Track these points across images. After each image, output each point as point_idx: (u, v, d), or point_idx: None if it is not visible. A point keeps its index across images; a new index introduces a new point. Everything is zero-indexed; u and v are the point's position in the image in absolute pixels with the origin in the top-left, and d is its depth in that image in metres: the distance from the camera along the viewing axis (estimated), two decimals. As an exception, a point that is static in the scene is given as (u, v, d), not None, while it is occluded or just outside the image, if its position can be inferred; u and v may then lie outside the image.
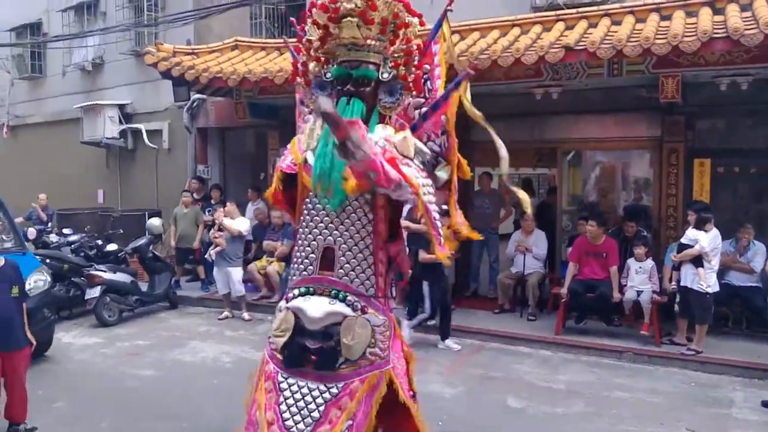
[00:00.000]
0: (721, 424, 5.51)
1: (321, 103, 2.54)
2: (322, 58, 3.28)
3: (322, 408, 3.00)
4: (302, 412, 3.01)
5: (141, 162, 13.40)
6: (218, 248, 9.03)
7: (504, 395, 6.11)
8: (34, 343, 5.29)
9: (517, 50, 7.28)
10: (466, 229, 3.44)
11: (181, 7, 11.83)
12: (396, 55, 3.24)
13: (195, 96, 11.50)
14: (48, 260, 8.58)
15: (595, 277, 7.80)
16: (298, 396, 3.04)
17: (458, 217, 3.44)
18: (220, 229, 9.04)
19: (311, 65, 3.31)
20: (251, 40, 10.61)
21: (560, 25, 7.85)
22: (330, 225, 3.12)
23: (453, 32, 8.32)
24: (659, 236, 8.50)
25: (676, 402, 6.01)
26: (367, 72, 3.16)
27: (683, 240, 7.19)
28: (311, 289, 3.13)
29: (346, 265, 3.10)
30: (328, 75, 3.25)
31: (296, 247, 3.27)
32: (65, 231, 10.69)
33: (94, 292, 8.69)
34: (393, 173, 2.76)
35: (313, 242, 3.15)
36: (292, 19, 4.32)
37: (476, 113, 3.42)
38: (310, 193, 3.18)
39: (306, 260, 3.18)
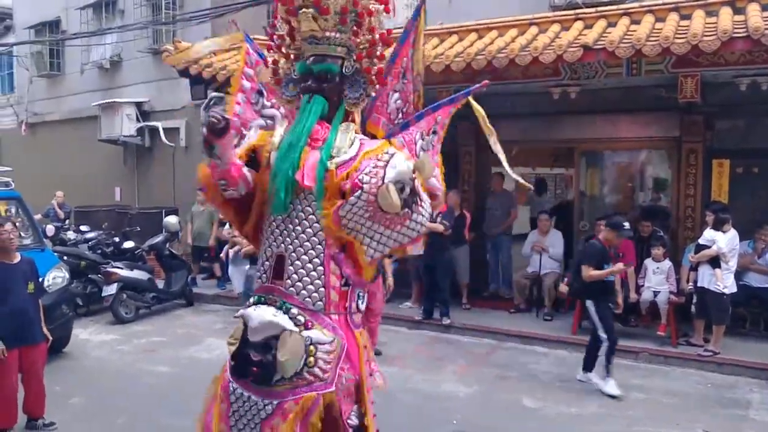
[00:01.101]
0: (737, 426, 5.46)
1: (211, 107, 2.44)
2: (292, 55, 3.12)
3: (258, 426, 2.84)
4: (246, 427, 2.87)
5: (158, 160, 13.50)
6: (236, 247, 9.06)
7: (519, 395, 6.09)
8: (50, 338, 5.34)
9: (535, 49, 7.25)
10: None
11: (198, 6, 11.92)
12: (362, 47, 3.03)
13: (212, 94, 11.53)
14: (65, 257, 8.66)
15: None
16: (242, 410, 2.89)
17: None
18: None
19: (281, 62, 3.15)
20: (258, 39, 10.64)
21: (579, 24, 7.81)
22: (284, 231, 2.90)
23: (470, 31, 8.43)
24: (677, 237, 8.44)
25: (692, 403, 5.97)
26: (329, 66, 2.95)
27: (701, 241, 7.14)
28: (263, 298, 2.92)
29: (294, 276, 2.86)
30: (295, 72, 3.07)
31: (259, 253, 3.09)
32: (82, 228, 10.80)
33: (110, 289, 8.76)
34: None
35: (268, 249, 2.96)
36: (231, 19, 4.25)
37: (480, 111, 3.31)
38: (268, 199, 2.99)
39: (262, 267, 3.00)
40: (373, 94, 3.18)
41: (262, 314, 2.82)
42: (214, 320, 9.10)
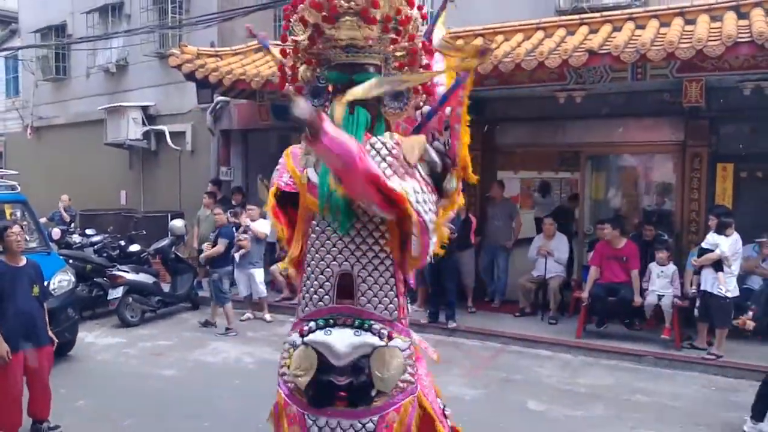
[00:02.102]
0: (741, 429, 5.45)
1: (297, 108, 2.19)
2: (313, 61, 2.95)
3: None
4: None
5: (164, 164, 13.54)
6: (242, 251, 9.10)
7: (524, 398, 6.11)
8: (56, 341, 5.37)
9: (540, 54, 7.28)
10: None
11: (205, 10, 11.93)
12: (398, 54, 2.93)
13: (218, 98, 11.60)
14: (71, 260, 8.68)
15: (616, 281, 7.79)
16: None
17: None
18: (244, 232, 9.11)
19: (301, 69, 2.99)
20: (275, 43, 10.66)
21: (584, 29, 7.83)
22: (345, 249, 2.79)
23: (477, 35, 8.45)
24: (681, 241, 8.45)
25: (696, 406, 5.99)
26: (370, 76, 2.80)
27: (704, 244, 7.16)
28: (330, 320, 2.81)
29: (369, 291, 2.80)
30: (323, 80, 2.93)
31: (304, 275, 2.92)
32: (88, 232, 10.84)
33: (116, 293, 8.79)
34: (369, 171, 2.45)
35: (327, 269, 2.82)
36: (246, 25, 4.17)
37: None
38: (317, 216, 2.86)
39: (321, 289, 2.84)
40: (422, 103, 3.09)
41: (345, 337, 2.75)
42: (220, 324, 9.10)
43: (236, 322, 8.83)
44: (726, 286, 6.88)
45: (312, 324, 2.85)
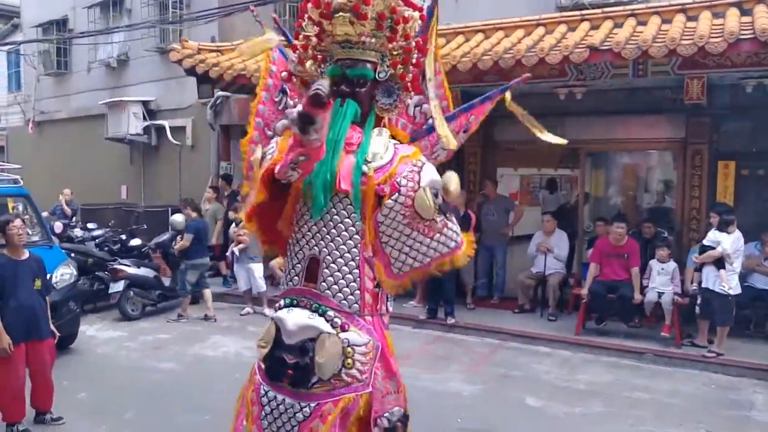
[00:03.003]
0: (740, 427, 5.48)
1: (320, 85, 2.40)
2: (319, 56, 3.06)
3: (296, 428, 2.83)
4: (280, 430, 2.87)
5: (164, 158, 13.56)
6: (241, 245, 9.12)
7: (523, 394, 6.12)
8: (58, 334, 5.40)
9: (541, 50, 7.27)
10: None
11: (205, 5, 11.95)
12: (395, 53, 3.00)
13: (219, 93, 11.59)
14: (73, 254, 8.69)
15: (616, 278, 7.79)
16: (276, 412, 2.88)
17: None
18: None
19: (308, 64, 3.09)
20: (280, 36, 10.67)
21: (585, 25, 7.82)
22: (317, 234, 2.89)
23: (477, 31, 8.45)
24: (682, 238, 8.45)
25: (696, 404, 5.99)
26: (364, 71, 2.93)
27: (705, 242, 7.15)
28: (294, 300, 2.92)
29: (329, 278, 2.87)
30: (325, 75, 3.00)
31: (288, 256, 3.04)
32: (90, 226, 10.85)
33: (117, 287, 8.82)
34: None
35: (300, 252, 2.94)
36: (273, 15, 4.21)
37: (518, 109, 3.34)
38: (300, 200, 2.96)
39: (293, 270, 2.98)
40: (408, 101, 3.18)
41: (298, 317, 2.83)
42: (220, 318, 9.13)
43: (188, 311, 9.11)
44: (728, 283, 6.88)
45: (282, 302, 2.99)
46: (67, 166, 15.22)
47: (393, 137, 3.10)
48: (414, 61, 3.06)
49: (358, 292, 2.90)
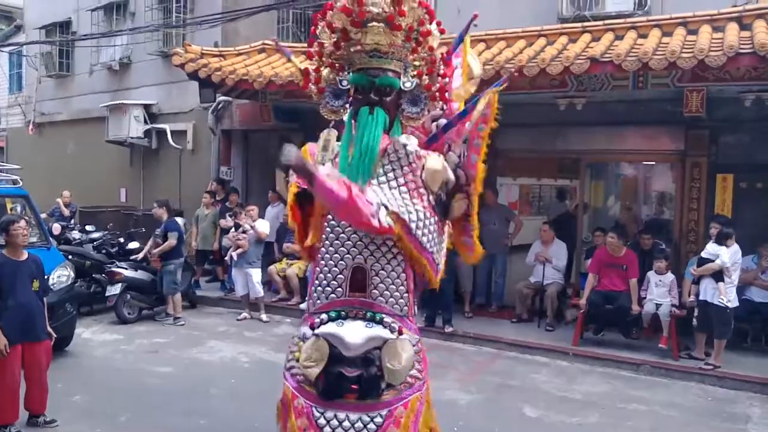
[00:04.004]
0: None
1: (285, 155, 2.34)
2: (337, 65, 3.09)
3: None
4: None
5: (164, 162, 13.56)
6: (239, 250, 9.12)
7: (520, 404, 6.11)
8: (54, 336, 5.40)
9: (542, 60, 7.30)
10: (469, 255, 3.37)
11: (209, 10, 11.97)
12: (417, 63, 3.06)
13: (220, 98, 11.62)
14: (70, 256, 8.70)
15: (614, 289, 7.79)
16: (339, 431, 2.81)
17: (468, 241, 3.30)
18: (243, 231, 9.12)
19: (324, 71, 3.12)
20: (293, 46, 10.71)
21: (586, 37, 7.86)
22: (359, 243, 2.88)
23: (479, 41, 8.47)
24: (680, 250, 8.46)
25: (692, 416, 5.98)
26: (391, 80, 2.97)
27: (703, 254, 7.15)
28: (342, 312, 2.88)
29: (381, 285, 2.89)
30: (345, 83, 3.06)
31: (317, 268, 3.02)
32: (88, 228, 10.83)
33: (114, 289, 8.79)
34: (363, 216, 2.61)
35: (341, 262, 2.91)
36: (274, 39, 4.26)
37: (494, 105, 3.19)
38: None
39: (334, 281, 2.92)
40: (438, 110, 3.27)
41: (357, 329, 2.83)
42: (216, 323, 9.13)
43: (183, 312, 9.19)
44: (727, 296, 6.88)
45: (324, 316, 2.92)
46: (66, 168, 15.21)
47: None
48: (441, 72, 3.11)
49: (407, 295, 2.98)
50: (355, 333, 2.81)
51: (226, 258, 9.82)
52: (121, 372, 6.81)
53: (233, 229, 9.42)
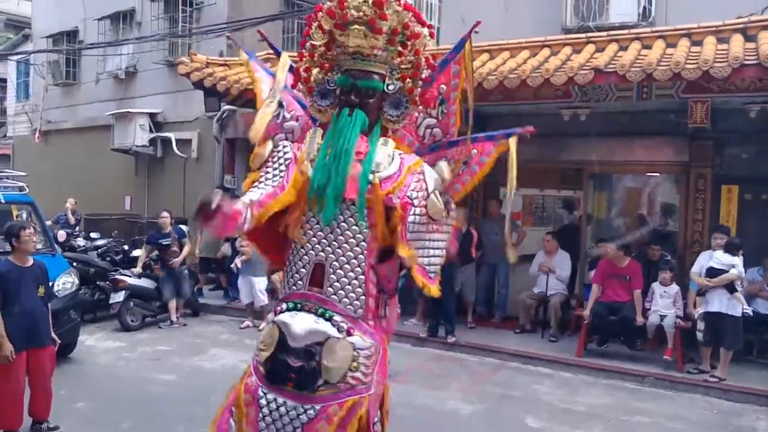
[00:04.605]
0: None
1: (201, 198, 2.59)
2: (326, 65, 3.15)
3: (299, 430, 2.87)
4: (280, 431, 2.90)
5: (169, 170, 13.60)
6: (244, 257, 9.13)
7: (523, 415, 6.08)
8: (58, 342, 5.40)
9: (546, 71, 7.31)
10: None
11: (214, 20, 12.06)
12: (403, 66, 3.10)
13: (225, 107, 11.67)
14: (75, 263, 8.71)
15: (618, 300, 7.77)
16: (276, 414, 2.90)
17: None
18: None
19: (314, 71, 3.17)
20: (290, 54, 10.76)
21: (590, 48, 7.87)
22: (323, 240, 2.96)
23: (483, 51, 8.49)
24: (684, 261, 8.42)
25: (698, 429, 5.94)
26: (374, 83, 3.02)
27: (714, 264, 7.05)
28: (299, 305, 2.96)
29: (336, 283, 2.94)
30: (332, 83, 3.11)
31: (289, 261, 3.10)
32: (93, 235, 10.87)
33: (118, 297, 8.82)
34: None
35: (305, 257, 3.00)
36: (258, 29, 4.33)
37: (514, 159, 3.40)
38: (306, 208, 3.03)
39: (296, 275, 3.03)
40: (418, 116, 3.31)
41: (305, 321, 2.90)
42: (219, 330, 9.13)
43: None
44: (745, 304, 6.90)
45: (284, 305, 3.03)
46: (72, 176, 15.26)
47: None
48: (423, 76, 3.14)
49: (363, 297, 2.97)
50: (300, 325, 2.88)
51: (231, 266, 9.83)
52: (124, 379, 6.81)
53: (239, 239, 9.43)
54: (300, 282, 3.01)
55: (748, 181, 8.17)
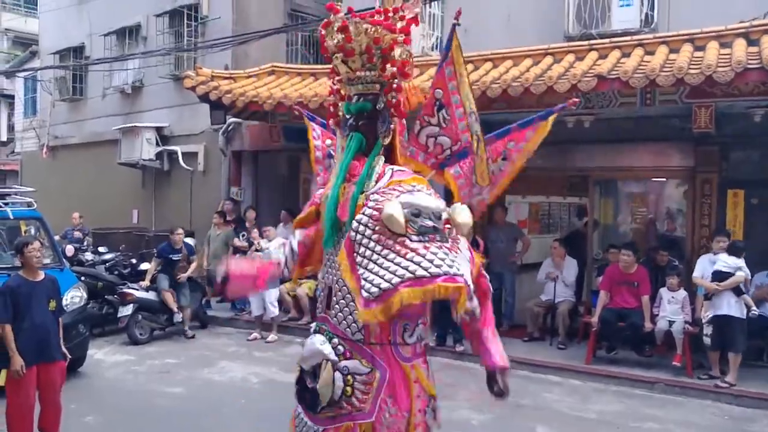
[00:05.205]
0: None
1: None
2: (346, 96, 3.18)
3: None
4: None
5: (176, 183, 13.67)
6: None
7: (533, 423, 6.06)
8: (69, 357, 5.41)
9: (549, 78, 7.34)
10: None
11: (220, 33, 12.15)
12: (395, 80, 3.10)
13: (231, 119, 11.74)
14: (83, 277, 8.74)
15: (626, 306, 7.74)
16: (299, 428, 3.05)
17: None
18: (257, 250, 9.15)
19: (340, 105, 3.22)
20: (287, 66, 10.87)
21: (593, 54, 7.89)
22: (328, 263, 3.05)
23: (486, 60, 8.53)
24: (691, 267, 8.37)
25: (708, 435, 5.91)
26: (362, 105, 3.04)
27: (721, 267, 7.03)
28: (319, 326, 3.07)
29: (336, 306, 2.93)
30: (341, 112, 3.18)
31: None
32: (100, 249, 10.92)
33: (126, 310, 8.84)
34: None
35: (322, 281, 3.12)
36: (295, 106, 4.46)
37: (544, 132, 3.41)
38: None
39: (319, 297, 3.16)
40: (434, 127, 3.34)
41: (313, 342, 2.93)
42: (227, 343, 9.14)
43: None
44: (752, 305, 6.91)
45: (312, 327, 3.15)
46: (79, 190, 15.35)
47: (404, 165, 3.14)
48: (395, 86, 3.09)
49: (359, 322, 2.83)
50: (308, 345, 2.94)
51: None
52: (132, 393, 6.82)
53: (252, 249, 9.46)
54: (320, 305, 3.12)
55: (754, 185, 8.15)
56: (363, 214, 2.73)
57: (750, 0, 7.83)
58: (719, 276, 7.03)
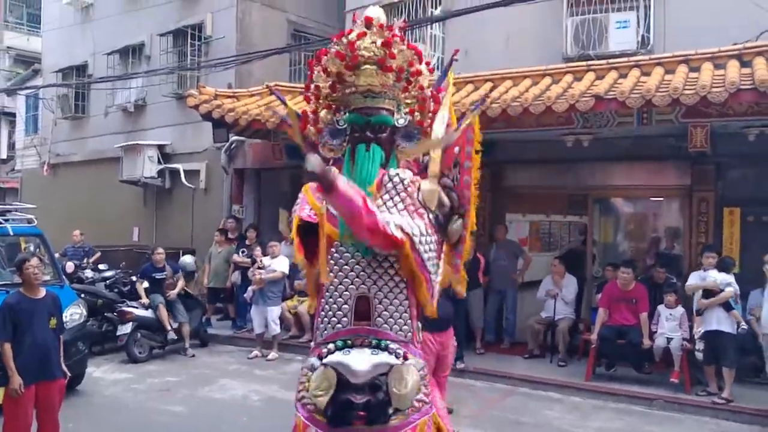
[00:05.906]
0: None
1: (309, 163, 2.50)
2: (333, 106, 3.29)
3: None
4: None
5: (177, 201, 13.72)
6: (255, 286, 9.17)
7: (533, 441, 6.08)
8: (69, 375, 5.40)
9: (548, 98, 7.44)
10: (457, 284, 3.49)
11: (223, 53, 12.27)
12: (408, 101, 3.26)
13: (233, 137, 11.82)
14: (83, 295, 8.72)
15: (625, 323, 7.79)
16: None
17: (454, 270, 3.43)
18: (260, 268, 9.20)
19: (322, 113, 3.31)
20: (290, 85, 10.97)
21: (591, 75, 8.00)
22: (362, 273, 3.00)
23: (486, 80, 8.66)
24: (689, 284, 8.45)
25: (707, 452, 5.92)
26: (385, 118, 3.15)
27: (709, 284, 7.15)
28: (348, 341, 2.98)
29: (384, 312, 2.98)
30: (342, 122, 3.23)
31: (322, 300, 3.11)
32: (101, 267, 10.92)
33: (125, 328, 8.83)
34: (375, 226, 2.74)
35: (345, 293, 3.01)
36: (268, 84, 4.41)
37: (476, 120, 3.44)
38: (336, 243, 3.05)
39: (339, 311, 3.03)
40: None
41: (363, 356, 2.92)
42: (228, 361, 9.15)
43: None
44: (742, 321, 6.97)
45: (330, 346, 3.00)
46: (80, 208, 15.39)
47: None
48: (432, 108, 3.30)
49: (410, 321, 3.05)
50: (361, 360, 2.89)
51: (245, 295, 9.81)
52: (132, 411, 6.82)
53: (254, 266, 9.48)
54: (345, 318, 3.02)
55: (750, 203, 8.24)
56: (419, 226, 2.95)
57: (743, 23, 7.95)
58: (708, 293, 7.14)
